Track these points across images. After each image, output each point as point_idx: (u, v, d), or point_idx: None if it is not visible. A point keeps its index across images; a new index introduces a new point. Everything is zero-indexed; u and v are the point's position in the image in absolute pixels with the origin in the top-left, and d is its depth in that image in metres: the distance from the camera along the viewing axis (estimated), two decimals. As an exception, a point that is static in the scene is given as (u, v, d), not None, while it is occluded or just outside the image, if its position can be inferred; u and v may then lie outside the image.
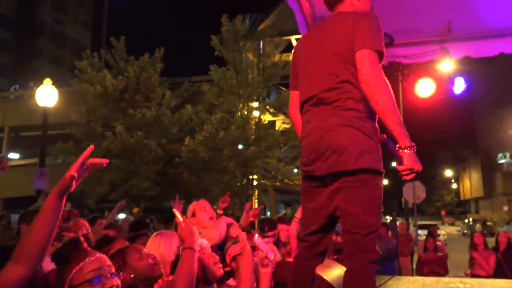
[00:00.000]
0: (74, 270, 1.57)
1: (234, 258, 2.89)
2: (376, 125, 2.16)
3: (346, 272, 2.10)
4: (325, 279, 2.85)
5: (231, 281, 2.55)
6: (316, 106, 2.17)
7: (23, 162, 23.93)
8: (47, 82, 9.32)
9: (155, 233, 2.56)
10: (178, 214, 2.22)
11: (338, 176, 2.07)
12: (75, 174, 1.54)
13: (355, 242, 2.05)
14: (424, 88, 5.88)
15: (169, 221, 5.44)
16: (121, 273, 1.93)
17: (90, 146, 1.63)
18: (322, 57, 2.19)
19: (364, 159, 2.02)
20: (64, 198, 1.58)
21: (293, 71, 2.43)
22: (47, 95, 9.21)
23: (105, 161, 1.66)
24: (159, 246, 2.39)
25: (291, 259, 2.90)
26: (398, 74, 5.96)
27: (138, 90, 17.43)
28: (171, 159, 16.72)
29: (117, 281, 1.63)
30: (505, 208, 42.98)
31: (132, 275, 1.98)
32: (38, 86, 9.45)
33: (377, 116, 2.10)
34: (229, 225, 3.33)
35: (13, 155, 24.78)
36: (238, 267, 2.62)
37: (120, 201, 5.53)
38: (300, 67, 2.34)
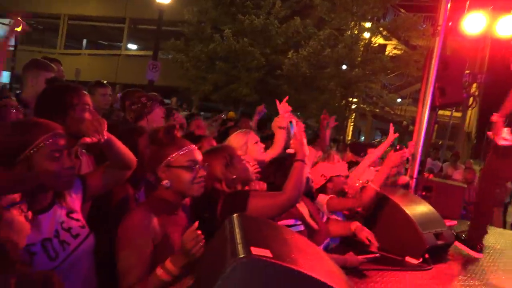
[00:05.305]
0: (174, 154, 1.79)
1: None
2: None
3: None
4: (404, 211, 2.84)
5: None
6: None
7: (139, 53, 25.75)
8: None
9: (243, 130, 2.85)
10: (295, 123, 2.33)
11: None
12: None
13: None
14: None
15: (262, 127, 5.68)
16: (227, 170, 2.14)
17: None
18: None
19: None
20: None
21: None
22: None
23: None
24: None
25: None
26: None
27: (249, -5, 17.24)
28: (273, 70, 16.79)
29: (204, 172, 1.85)
30: None
31: (234, 176, 2.14)
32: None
33: None
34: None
35: (131, 46, 26.72)
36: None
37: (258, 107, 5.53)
38: None
